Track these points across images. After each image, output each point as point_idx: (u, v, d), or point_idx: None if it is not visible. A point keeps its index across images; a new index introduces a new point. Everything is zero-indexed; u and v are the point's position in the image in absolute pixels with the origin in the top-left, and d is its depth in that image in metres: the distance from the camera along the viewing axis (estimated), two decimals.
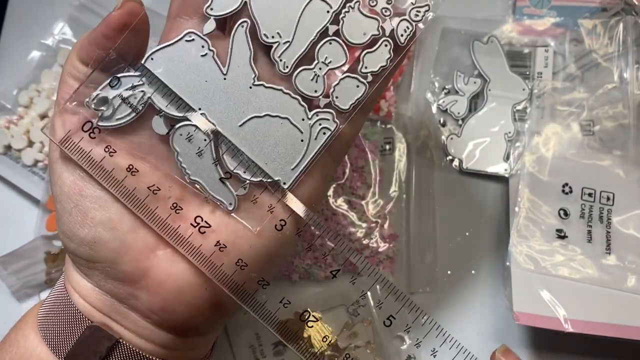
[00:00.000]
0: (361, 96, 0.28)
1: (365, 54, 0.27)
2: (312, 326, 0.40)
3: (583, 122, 0.43)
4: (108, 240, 0.26)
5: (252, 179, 0.27)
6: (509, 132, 0.43)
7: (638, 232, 0.39)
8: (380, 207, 0.42)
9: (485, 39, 0.45)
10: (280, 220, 0.27)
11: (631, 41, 0.43)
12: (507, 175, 0.43)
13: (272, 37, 0.27)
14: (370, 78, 0.27)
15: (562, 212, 0.40)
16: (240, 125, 0.27)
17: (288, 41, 0.27)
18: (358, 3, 0.27)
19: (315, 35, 0.27)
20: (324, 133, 0.27)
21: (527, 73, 0.45)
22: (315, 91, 0.27)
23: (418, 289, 0.41)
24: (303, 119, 0.27)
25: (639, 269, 0.38)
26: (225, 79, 0.27)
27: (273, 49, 0.27)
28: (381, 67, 0.27)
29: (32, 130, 0.43)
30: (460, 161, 0.43)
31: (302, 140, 0.27)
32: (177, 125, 0.26)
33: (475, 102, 0.45)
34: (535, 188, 0.41)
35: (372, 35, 0.27)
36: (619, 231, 0.40)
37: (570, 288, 0.38)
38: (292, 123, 0.27)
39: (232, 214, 0.27)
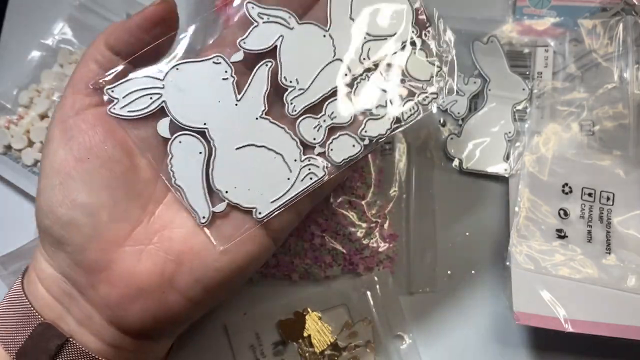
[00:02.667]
0: (354, 155, 0.29)
1: (368, 120, 0.29)
2: (312, 326, 0.40)
3: (583, 122, 0.43)
4: (83, 225, 0.26)
5: (232, 199, 0.28)
6: (509, 132, 0.43)
7: (638, 232, 0.39)
8: (380, 207, 0.42)
9: (485, 39, 0.45)
10: (248, 244, 0.28)
11: (631, 41, 0.43)
12: (507, 175, 0.43)
13: (290, 81, 0.29)
14: (367, 142, 0.29)
15: (562, 212, 0.40)
16: (236, 149, 0.28)
17: (303, 89, 0.29)
18: (372, 73, 0.30)
19: (329, 91, 0.29)
20: (311, 178, 0.29)
21: (527, 73, 0.45)
22: (314, 139, 0.29)
23: (418, 289, 0.41)
24: (295, 160, 0.29)
25: (639, 269, 0.38)
26: (237, 104, 0.28)
27: (288, 91, 0.29)
28: (380, 135, 0.29)
29: (32, 130, 0.43)
30: (460, 161, 0.43)
31: (288, 179, 0.29)
32: (180, 132, 0.28)
33: (475, 102, 0.45)
34: (535, 188, 0.41)
35: (380, 106, 0.30)
36: (619, 231, 0.40)
37: (570, 288, 0.38)
38: (284, 160, 0.29)
39: (203, 227, 0.28)
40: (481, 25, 0.46)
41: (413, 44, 0.30)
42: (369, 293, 0.41)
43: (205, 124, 0.28)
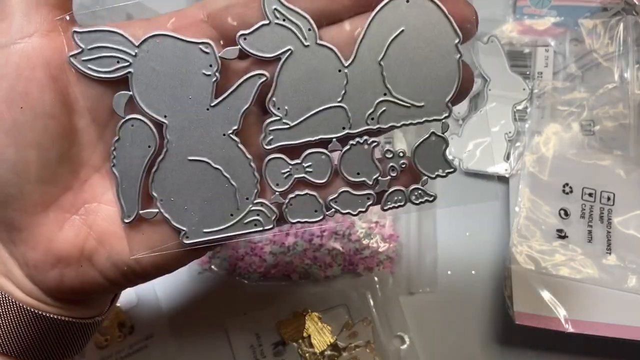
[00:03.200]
0: (312, 221, 0.26)
1: (344, 192, 0.25)
2: (312, 326, 0.40)
3: (583, 122, 0.43)
4: (5, 182, 0.24)
5: (163, 211, 0.25)
6: (509, 132, 0.43)
7: (638, 232, 0.39)
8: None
9: (485, 39, 0.45)
10: (165, 260, 0.26)
11: (631, 41, 0.43)
12: (507, 175, 0.43)
13: (278, 108, 0.24)
14: (332, 212, 0.25)
15: (562, 212, 0.40)
16: (189, 160, 0.25)
17: (288, 124, 0.24)
18: (374, 144, 0.25)
19: (316, 140, 0.25)
20: (255, 224, 0.25)
21: (528, 73, 0.45)
22: (277, 185, 0.25)
23: (418, 289, 0.41)
24: (247, 199, 0.25)
25: (639, 269, 0.38)
26: (208, 109, 0.24)
27: (270, 119, 0.24)
28: (348, 212, 0.25)
29: None
30: (460, 161, 0.43)
31: (231, 215, 0.25)
32: (135, 116, 0.24)
33: (476, 102, 0.45)
34: (536, 188, 0.41)
35: (363, 180, 0.25)
36: (619, 231, 0.39)
37: (570, 288, 0.38)
38: (235, 194, 0.25)
39: (123, 226, 0.25)
40: (481, 25, 0.45)
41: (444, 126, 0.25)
42: (369, 293, 0.41)
43: (166, 117, 0.24)
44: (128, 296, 0.40)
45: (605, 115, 0.43)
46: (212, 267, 0.41)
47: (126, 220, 0.25)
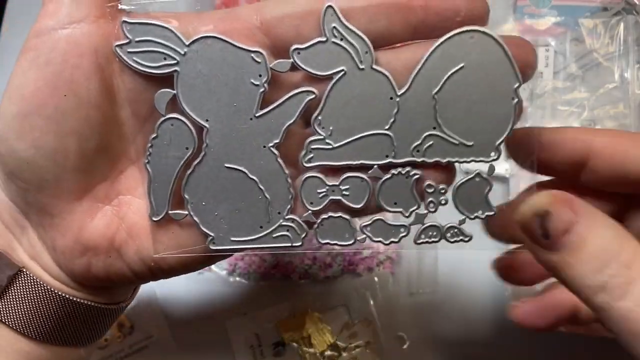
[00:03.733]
0: (342, 244, 0.25)
1: (378, 220, 0.25)
2: (312, 326, 0.40)
3: (584, 122, 0.43)
4: (41, 168, 0.23)
5: (193, 214, 0.25)
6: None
7: None
8: None
9: None
10: (191, 260, 0.26)
11: (632, 41, 0.43)
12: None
13: (323, 127, 0.24)
14: (363, 238, 0.25)
15: None
16: (226, 167, 0.24)
17: (331, 144, 0.24)
18: (416, 176, 0.24)
19: (357, 164, 0.24)
20: (284, 240, 0.25)
21: None
22: (311, 203, 0.25)
23: (418, 289, 0.41)
24: (279, 213, 0.25)
25: None
26: (251, 119, 0.24)
27: (313, 137, 0.24)
28: (380, 240, 0.25)
29: None
30: None
31: (261, 227, 0.25)
32: (176, 115, 0.24)
33: None
34: None
35: (399, 211, 0.25)
36: None
37: None
38: (268, 207, 0.25)
39: (150, 224, 0.25)
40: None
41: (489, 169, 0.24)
42: (369, 293, 0.41)
43: (207, 121, 0.24)
44: None
45: (605, 115, 0.43)
46: (212, 267, 0.41)
47: (154, 219, 0.25)
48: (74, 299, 0.26)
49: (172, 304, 0.41)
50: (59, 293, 0.26)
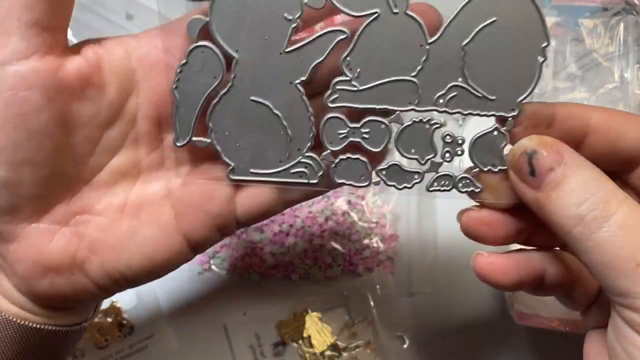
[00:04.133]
0: (357, 185, 0.26)
1: (393, 164, 0.25)
2: (312, 326, 0.40)
3: None
4: None
5: (216, 142, 0.25)
6: None
7: None
8: (380, 207, 0.42)
9: None
10: (167, 252, 0.26)
11: (632, 41, 0.43)
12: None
13: (351, 69, 0.24)
14: (377, 181, 0.25)
15: None
16: (252, 100, 0.25)
17: (356, 86, 0.24)
18: (437, 125, 0.25)
19: (380, 108, 0.24)
20: (300, 176, 0.26)
21: None
22: (331, 143, 0.25)
23: (418, 289, 0.41)
24: (299, 150, 0.25)
25: None
26: (281, 54, 0.24)
27: (340, 77, 0.24)
28: (394, 185, 0.26)
29: None
30: (461, 161, 0.43)
31: (280, 162, 0.26)
32: (207, 43, 0.24)
33: None
34: None
35: (416, 158, 0.25)
36: None
37: None
38: (288, 142, 0.25)
39: (174, 147, 0.26)
40: None
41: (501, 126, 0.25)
42: (369, 294, 0.41)
43: (237, 52, 0.24)
44: (128, 296, 0.40)
45: None
46: (212, 267, 0.41)
47: (178, 144, 0.25)
48: (33, 325, 0.26)
49: (172, 304, 0.41)
50: (17, 321, 0.26)
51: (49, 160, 0.24)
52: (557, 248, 0.28)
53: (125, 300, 0.40)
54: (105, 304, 0.40)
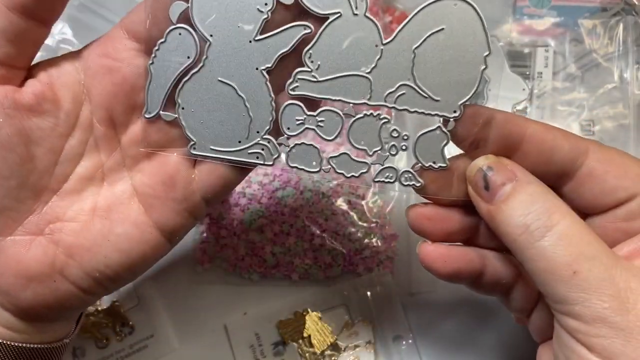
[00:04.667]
0: (308, 171, 0.28)
1: (343, 154, 0.27)
2: (312, 326, 0.40)
3: (583, 122, 0.43)
4: None
5: (181, 118, 0.27)
6: None
7: None
8: (380, 207, 0.42)
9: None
10: (142, 244, 0.28)
11: (631, 41, 0.43)
12: None
13: (312, 61, 0.26)
14: (327, 168, 0.28)
15: None
16: (219, 81, 0.27)
17: (316, 77, 0.26)
18: (385, 120, 0.27)
19: (335, 100, 0.27)
20: (257, 157, 0.28)
21: (527, 73, 0.45)
22: (288, 129, 0.27)
23: (418, 289, 0.41)
24: (258, 132, 0.27)
25: None
26: (250, 42, 0.26)
27: (302, 69, 0.26)
28: (342, 173, 0.28)
29: None
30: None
31: (239, 142, 0.27)
32: (185, 26, 0.26)
33: (475, 102, 0.45)
34: None
35: (364, 149, 0.27)
36: None
37: None
38: (249, 124, 0.27)
39: (141, 118, 0.27)
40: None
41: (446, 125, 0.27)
42: (369, 293, 0.41)
43: (212, 36, 0.26)
44: (128, 296, 0.40)
45: (605, 115, 0.43)
46: (212, 267, 0.41)
47: (146, 116, 0.27)
48: (16, 345, 0.27)
49: (172, 304, 0.41)
50: (1, 341, 0.27)
51: (15, 172, 0.26)
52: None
53: (125, 300, 0.40)
54: (105, 303, 0.40)
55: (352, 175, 0.28)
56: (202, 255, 0.41)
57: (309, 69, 0.26)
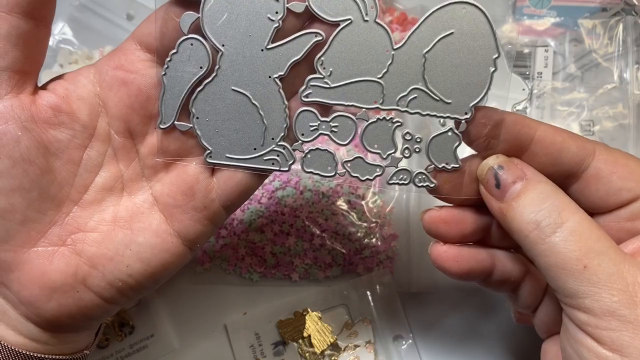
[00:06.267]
0: (323, 176, 0.28)
1: (358, 157, 0.28)
2: (312, 326, 0.40)
3: (583, 122, 0.43)
4: None
5: (197, 128, 0.27)
6: None
7: None
8: (380, 207, 0.42)
9: None
10: (164, 253, 0.28)
11: (631, 41, 0.43)
12: None
13: (324, 68, 0.26)
14: (342, 172, 0.28)
15: None
16: (233, 90, 0.27)
17: (328, 84, 0.27)
18: (398, 124, 0.27)
19: (349, 105, 0.27)
20: (273, 164, 0.28)
21: (527, 73, 0.45)
22: (302, 135, 0.27)
23: (418, 289, 0.41)
24: (273, 139, 0.28)
25: None
26: (262, 51, 0.26)
27: (314, 75, 0.27)
28: (357, 176, 0.28)
29: None
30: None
31: (255, 149, 0.28)
32: (197, 36, 0.26)
33: None
34: None
35: (378, 152, 0.28)
36: None
37: None
38: (264, 131, 0.27)
39: (157, 129, 0.28)
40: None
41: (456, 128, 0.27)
42: (369, 293, 0.41)
43: (224, 46, 0.26)
44: None
45: (604, 115, 0.43)
46: (212, 267, 0.41)
47: (161, 127, 0.27)
48: (39, 356, 0.27)
49: (172, 304, 0.41)
50: (23, 352, 0.27)
51: (36, 184, 0.26)
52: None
53: None
54: None
55: (367, 178, 0.28)
56: (202, 255, 0.41)
57: (321, 76, 0.27)
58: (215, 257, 0.41)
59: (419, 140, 0.28)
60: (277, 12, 0.26)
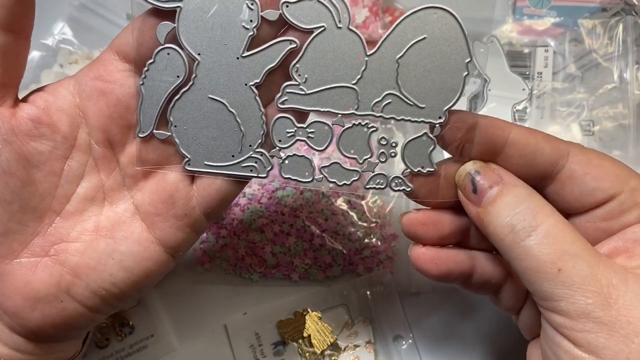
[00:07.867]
0: (302, 181, 0.28)
1: (334, 163, 0.28)
2: (312, 326, 0.40)
3: (583, 122, 0.43)
4: None
5: (175, 135, 0.28)
6: None
7: None
8: (380, 207, 0.42)
9: (485, 39, 0.45)
10: (146, 261, 0.28)
11: (631, 41, 0.43)
12: None
13: (299, 75, 0.27)
14: (320, 177, 0.28)
15: None
16: (210, 98, 0.27)
17: (304, 90, 0.27)
18: (373, 129, 0.28)
19: (324, 111, 0.27)
20: (251, 170, 0.28)
21: (527, 73, 0.45)
22: (279, 141, 0.28)
23: (418, 289, 0.41)
24: (250, 145, 0.28)
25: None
26: (238, 59, 0.27)
27: (290, 82, 0.27)
28: (334, 182, 0.28)
29: None
30: None
31: (233, 156, 0.28)
32: (173, 46, 0.26)
33: (475, 102, 0.45)
34: None
35: (354, 158, 0.28)
36: None
37: None
38: (242, 138, 0.28)
39: (136, 138, 0.28)
40: (481, 25, 0.46)
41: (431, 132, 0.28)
42: (368, 293, 0.41)
43: (199, 55, 0.27)
44: None
45: (604, 115, 0.43)
46: (212, 267, 0.41)
47: (140, 135, 0.28)
48: None
49: (172, 304, 0.41)
50: None
51: (17, 196, 0.26)
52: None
53: None
54: None
55: (344, 184, 0.28)
56: (202, 255, 0.41)
57: (297, 82, 0.27)
58: (215, 257, 0.41)
59: (394, 145, 0.28)
60: (251, 21, 0.26)
